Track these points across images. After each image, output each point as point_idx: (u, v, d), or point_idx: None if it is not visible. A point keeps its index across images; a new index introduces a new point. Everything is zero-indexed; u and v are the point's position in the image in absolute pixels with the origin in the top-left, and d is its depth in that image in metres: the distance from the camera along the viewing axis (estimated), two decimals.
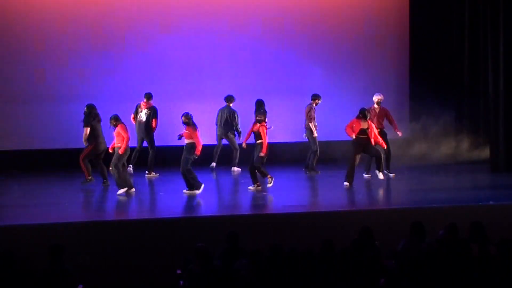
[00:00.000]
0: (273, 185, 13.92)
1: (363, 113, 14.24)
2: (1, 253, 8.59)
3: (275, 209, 12.80)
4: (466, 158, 16.81)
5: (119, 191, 13.63)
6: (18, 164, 16.25)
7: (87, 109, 14.42)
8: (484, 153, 16.48)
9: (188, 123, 13.55)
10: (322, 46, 17.57)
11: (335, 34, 17.59)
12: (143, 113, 15.75)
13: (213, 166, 16.27)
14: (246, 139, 14.39)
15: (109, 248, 11.27)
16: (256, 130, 13.88)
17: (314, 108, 15.78)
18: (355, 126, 14.19)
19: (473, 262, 8.40)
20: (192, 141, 13.48)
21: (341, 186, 14.26)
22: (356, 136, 14.14)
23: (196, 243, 9.33)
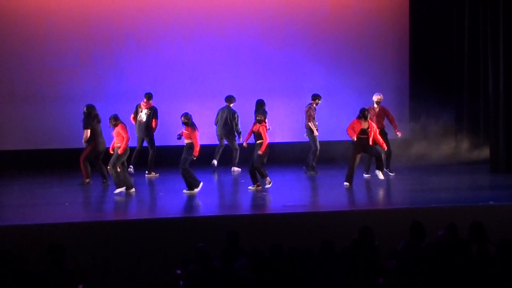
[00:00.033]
0: (273, 185, 13.93)
1: (363, 113, 14.25)
2: (1, 253, 8.58)
3: (275, 209, 12.78)
4: (466, 158, 16.79)
5: (116, 190, 13.64)
6: (18, 164, 16.26)
7: (87, 109, 14.37)
8: (484, 153, 16.47)
9: (187, 123, 13.54)
10: (322, 46, 17.57)
11: (335, 34, 17.60)
12: (143, 113, 15.73)
13: (214, 164, 16.23)
14: (247, 139, 14.40)
15: (109, 248, 11.27)
16: (256, 130, 13.89)
17: (314, 107, 15.79)
18: (356, 126, 14.18)
19: (473, 262, 8.39)
20: (191, 141, 13.48)
21: (341, 186, 14.27)
22: (357, 136, 14.15)
23: (196, 243, 9.34)
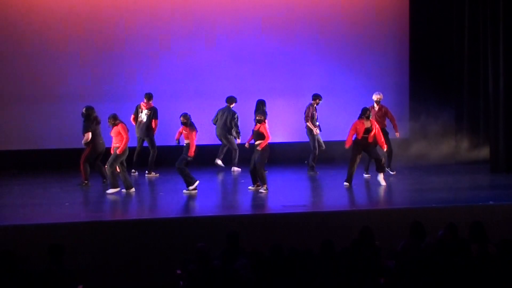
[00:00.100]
0: (273, 185, 13.93)
1: (365, 112, 14.21)
2: (1, 253, 8.58)
3: (275, 209, 12.77)
4: (466, 158, 16.79)
5: (110, 190, 13.63)
6: (18, 164, 16.26)
7: (86, 111, 14.30)
8: (484, 153, 16.46)
9: (186, 123, 13.52)
10: (322, 46, 17.56)
11: (335, 34, 17.59)
12: (144, 114, 15.71)
13: (218, 163, 16.20)
14: (250, 139, 14.27)
15: (109, 248, 11.27)
16: (256, 129, 13.85)
17: (314, 107, 15.77)
18: (359, 127, 14.13)
19: (473, 262, 8.39)
20: (193, 146, 13.45)
21: (341, 186, 14.27)
22: (361, 136, 14.09)
23: (196, 243, 9.34)
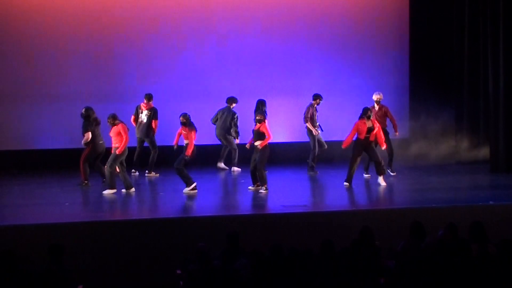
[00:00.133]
0: (273, 185, 13.93)
1: (366, 112, 14.20)
2: (1, 253, 8.59)
3: (275, 209, 12.77)
4: (466, 158, 16.78)
5: (106, 191, 13.63)
6: (18, 164, 16.26)
7: (85, 112, 14.27)
8: (484, 153, 16.46)
9: (186, 123, 13.50)
10: (322, 46, 17.55)
11: (335, 34, 17.58)
12: (144, 114, 15.70)
13: (221, 167, 16.22)
14: (251, 141, 14.19)
15: (109, 248, 11.27)
16: (256, 129, 13.83)
17: (315, 108, 15.76)
18: (361, 127, 14.11)
19: (473, 262, 8.39)
20: (192, 145, 13.42)
21: (341, 186, 14.27)
22: (364, 136, 14.07)
23: (196, 243, 9.34)
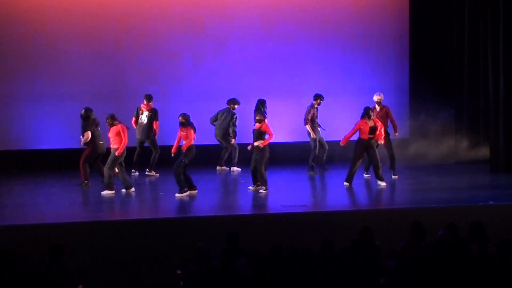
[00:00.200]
0: (273, 185, 13.93)
1: (367, 112, 14.19)
2: (1, 253, 8.59)
3: (275, 209, 12.77)
4: (466, 157, 16.78)
5: (104, 192, 13.62)
6: (18, 164, 16.25)
7: (85, 113, 14.26)
8: (484, 153, 16.45)
9: (185, 123, 13.48)
10: (322, 46, 17.55)
11: (335, 34, 17.58)
12: (144, 115, 15.70)
13: (222, 169, 16.24)
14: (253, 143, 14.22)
15: (109, 248, 11.27)
16: (257, 129, 13.81)
17: (315, 108, 15.75)
18: (363, 127, 14.10)
19: (473, 262, 8.39)
20: (189, 144, 13.43)
21: (341, 186, 14.27)
22: (367, 136, 14.06)
23: (196, 243, 9.34)
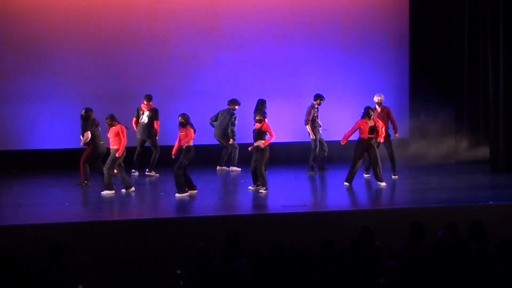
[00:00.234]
0: (273, 185, 13.93)
1: (367, 111, 14.20)
2: (1, 253, 8.59)
3: (275, 209, 12.77)
4: (466, 157, 16.78)
5: (104, 192, 13.63)
6: (18, 164, 16.25)
7: (85, 113, 14.27)
8: (484, 153, 16.45)
9: (184, 123, 13.47)
10: (322, 46, 17.54)
11: (335, 34, 17.58)
12: (145, 115, 15.70)
13: (222, 169, 16.23)
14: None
15: (109, 248, 11.27)
16: (257, 129, 13.80)
17: (316, 108, 15.74)
18: (363, 126, 14.11)
19: (473, 262, 8.39)
20: (189, 144, 13.42)
21: (341, 186, 14.26)
22: (367, 136, 14.07)
23: (196, 243, 9.34)
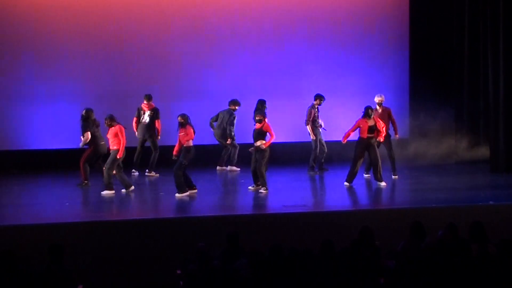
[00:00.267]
0: (273, 185, 13.93)
1: (367, 111, 14.20)
2: (1, 253, 8.59)
3: (275, 209, 12.77)
4: (466, 157, 16.78)
5: (104, 192, 13.63)
6: (18, 164, 16.25)
7: (85, 113, 14.28)
8: (484, 153, 16.45)
9: (183, 123, 13.46)
10: (322, 46, 17.53)
11: (335, 34, 17.57)
12: (146, 115, 15.70)
13: (223, 169, 16.23)
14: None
15: (109, 248, 11.28)
16: (257, 129, 13.80)
17: (316, 108, 15.74)
18: (363, 125, 14.11)
19: (473, 262, 8.39)
20: (188, 145, 13.41)
21: (341, 186, 14.26)
22: (366, 135, 14.07)
23: (196, 243, 9.34)
